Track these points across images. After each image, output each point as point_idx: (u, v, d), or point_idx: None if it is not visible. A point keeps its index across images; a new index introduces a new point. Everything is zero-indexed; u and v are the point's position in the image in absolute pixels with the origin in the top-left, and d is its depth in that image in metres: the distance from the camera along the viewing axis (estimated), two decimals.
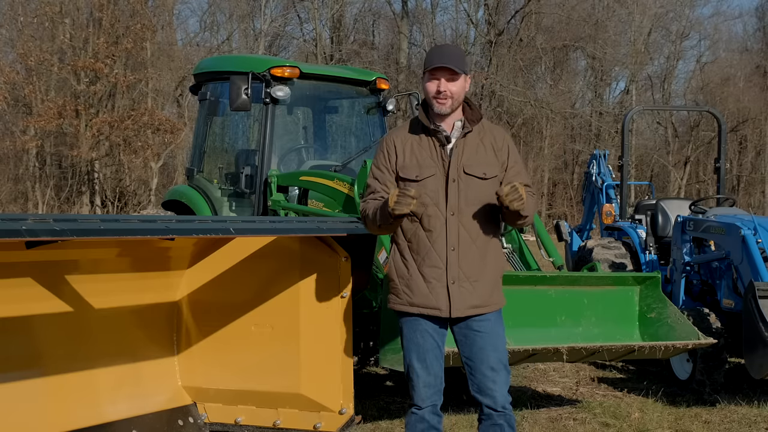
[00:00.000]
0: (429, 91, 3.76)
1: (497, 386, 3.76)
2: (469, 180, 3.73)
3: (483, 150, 3.79)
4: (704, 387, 6.78)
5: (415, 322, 3.79)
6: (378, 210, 3.71)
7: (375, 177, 3.84)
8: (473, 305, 3.74)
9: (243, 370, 4.96)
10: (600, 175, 11.01)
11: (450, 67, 3.71)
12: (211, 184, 7.73)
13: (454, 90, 3.73)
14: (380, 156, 3.85)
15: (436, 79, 3.73)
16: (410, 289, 3.76)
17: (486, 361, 3.75)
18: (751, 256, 6.66)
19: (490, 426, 3.79)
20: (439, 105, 3.75)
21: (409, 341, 3.81)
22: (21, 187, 26.54)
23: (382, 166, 3.83)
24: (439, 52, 3.83)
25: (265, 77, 7.07)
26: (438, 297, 3.71)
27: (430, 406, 3.81)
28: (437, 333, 3.81)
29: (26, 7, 26.44)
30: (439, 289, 3.71)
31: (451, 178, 3.72)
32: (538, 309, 5.71)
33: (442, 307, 3.72)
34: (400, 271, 3.80)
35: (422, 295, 3.74)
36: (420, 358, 3.79)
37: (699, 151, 34.73)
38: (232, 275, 5.00)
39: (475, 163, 3.75)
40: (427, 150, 3.77)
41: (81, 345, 4.66)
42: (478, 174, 3.74)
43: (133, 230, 3.80)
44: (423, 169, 3.74)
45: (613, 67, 35.18)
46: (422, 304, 3.74)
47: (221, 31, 33.92)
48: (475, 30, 34.15)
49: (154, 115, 25.35)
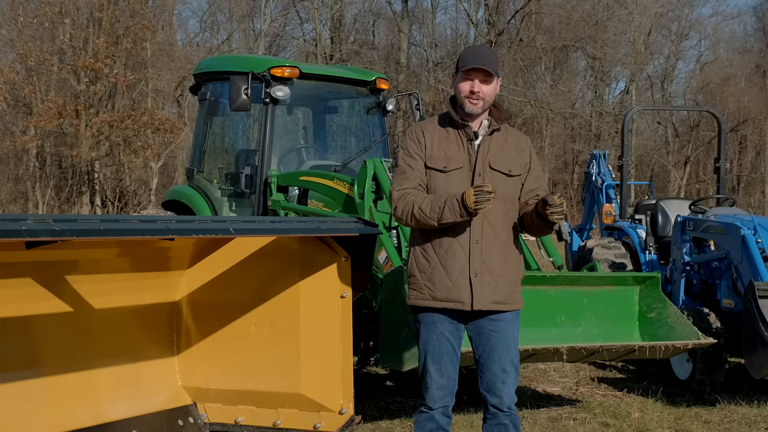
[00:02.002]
0: (462, 90, 3.77)
1: (506, 387, 3.78)
2: (494, 175, 3.76)
3: (508, 149, 3.84)
4: (704, 387, 6.78)
5: (432, 325, 3.80)
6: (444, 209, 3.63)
7: (409, 165, 3.81)
8: (494, 300, 3.75)
9: (243, 370, 4.96)
10: (600, 175, 11.01)
11: (486, 69, 3.74)
12: (211, 184, 7.73)
13: (486, 91, 3.77)
14: (410, 144, 3.84)
15: (470, 80, 3.76)
16: (432, 282, 3.75)
17: (498, 362, 3.78)
18: (751, 256, 6.66)
19: (495, 425, 3.81)
20: (471, 105, 3.77)
21: (426, 343, 3.82)
22: (21, 187, 26.56)
23: (415, 155, 3.81)
24: (475, 52, 3.84)
25: (265, 77, 7.07)
26: (461, 290, 3.71)
27: (441, 407, 3.83)
28: (454, 336, 3.81)
29: (26, 7, 26.46)
30: (462, 281, 3.71)
31: (477, 172, 3.76)
32: (538, 309, 5.70)
33: (464, 299, 3.71)
34: (422, 266, 3.79)
35: (445, 288, 3.73)
36: (435, 361, 3.79)
37: (699, 151, 34.74)
38: (232, 275, 5.00)
39: (501, 159, 3.80)
40: (455, 143, 3.80)
41: (81, 345, 4.66)
42: (504, 170, 3.79)
43: (133, 230, 3.79)
44: (451, 161, 3.77)
45: (613, 67, 35.20)
46: (445, 298, 3.74)
47: (221, 31, 34.00)
48: (475, 30, 34.15)
49: (154, 115, 25.35)
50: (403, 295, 5.10)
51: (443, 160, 3.77)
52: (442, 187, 3.74)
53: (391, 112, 8.08)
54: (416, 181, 3.78)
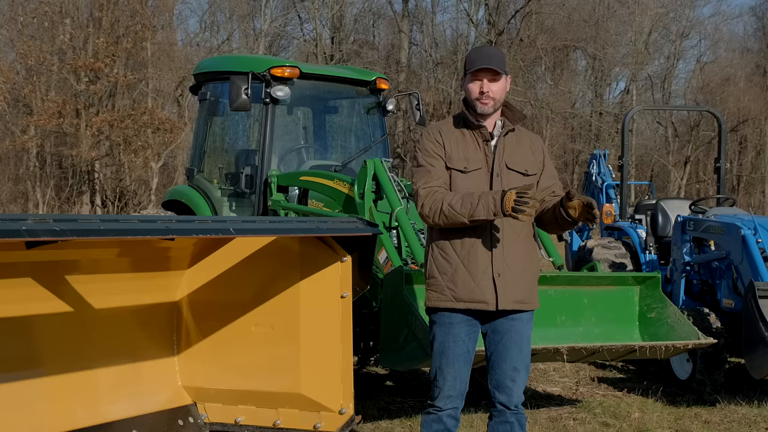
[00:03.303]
0: (472, 92, 3.78)
1: (515, 385, 3.79)
2: (511, 175, 3.77)
3: (522, 149, 3.86)
4: (704, 387, 6.78)
5: (449, 327, 3.78)
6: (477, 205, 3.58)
7: (431, 164, 3.78)
8: (518, 299, 3.75)
9: (243, 370, 4.96)
10: (600, 175, 11.02)
11: (493, 68, 3.74)
12: (211, 184, 7.73)
13: (495, 90, 3.77)
14: (429, 145, 3.81)
15: (478, 80, 3.76)
16: (455, 283, 3.73)
17: (509, 360, 3.78)
18: (751, 255, 6.66)
19: (502, 423, 3.81)
20: (482, 105, 3.78)
21: (441, 345, 3.80)
22: (21, 187, 26.56)
23: (435, 155, 3.79)
24: (481, 53, 3.85)
25: (265, 77, 7.06)
26: (485, 290, 3.70)
27: (451, 409, 3.82)
28: (470, 338, 3.80)
29: (26, 7, 26.44)
30: (486, 281, 3.70)
31: (495, 172, 3.76)
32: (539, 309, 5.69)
33: (488, 300, 3.70)
34: (442, 268, 3.76)
35: (468, 289, 3.71)
36: (449, 364, 3.79)
37: (699, 150, 34.75)
38: (232, 275, 4.99)
39: (517, 159, 3.81)
40: (471, 144, 3.80)
41: (81, 345, 4.66)
42: (521, 170, 3.80)
43: (133, 230, 3.79)
44: (470, 161, 3.77)
45: (613, 68, 35.19)
46: (468, 299, 3.72)
47: (221, 31, 34.00)
48: (476, 30, 34.15)
49: (154, 115, 25.34)
50: (403, 295, 5.11)
51: (463, 161, 3.77)
52: (463, 187, 3.73)
53: (392, 112, 8.08)
54: (442, 179, 3.76)
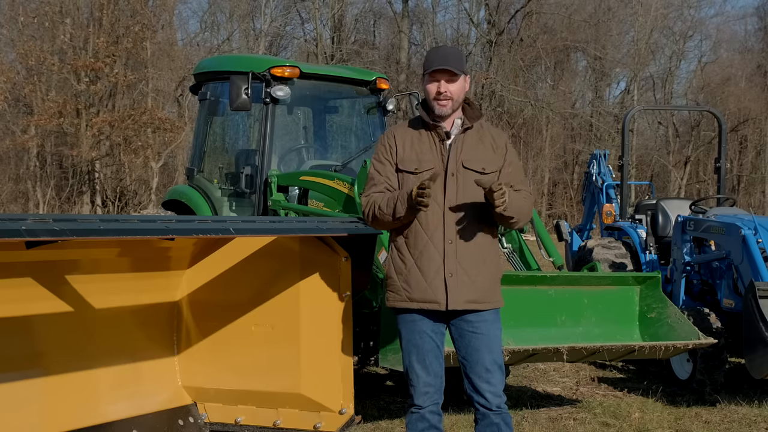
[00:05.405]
0: (430, 92, 3.79)
1: (491, 387, 3.77)
2: (467, 174, 3.74)
3: (482, 147, 3.83)
4: (704, 387, 6.78)
5: (412, 324, 3.79)
6: (396, 203, 3.68)
7: (377, 170, 3.86)
8: (470, 299, 3.73)
9: (243, 370, 4.96)
10: (600, 174, 11.01)
11: (449, 69, 3.74)
12: (211, 184, 7.73)
13: (453, 90, 3.77)
14: (380, 149, 3.88)
15: (436, 81, 3.77)
16: (408, 284, 3.76)
17: (481, 362, 3.76)
18: (751, 255, 6.66)
19: (487, 425, 3.80)
20: (440, 107, 3.78)
21: (408, 342, 3.82)
22: (21, 187, 26.54)
23: (384, 159, 3.85)
24: (438, 53, 3.85)
25: (265, 77, 7.06)
26: (436, 290, 3.71)
27: (431, 405, 3.82)
28: (435, 333, 3.80)
29: (26, 7, 26.41)
30: (437, 282, 3.71)
31: (450, 172, 3.75)
32: (538, 309, 5.71)
33: (439, 299, 3.71)
34: (398, 267, 3.81)
35: (420, 289, 3.73)
36: (420, 359, 3.79)
37: (699, 151, 34.72)
38: (232, 275, 5.00)
39: (474, 158, 3.79)
40: (426, 144, 3.81)
41: (81, 345, 4.66)
42: (477, 168, 3.76)
43: (133, 230, 3.80)
44: (422, 162, 3.77)
45: (613, 68, 35.18)
46: (421, 299, 3.73)
47: (221, 31, 33.95)
48: (476, 30, 34.17)
49: (155, 115, 25.34)
50: None
51: (414, 162, 3.78)
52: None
53: (392, 112, 8.07)
54: (382, 185, 3.81)
